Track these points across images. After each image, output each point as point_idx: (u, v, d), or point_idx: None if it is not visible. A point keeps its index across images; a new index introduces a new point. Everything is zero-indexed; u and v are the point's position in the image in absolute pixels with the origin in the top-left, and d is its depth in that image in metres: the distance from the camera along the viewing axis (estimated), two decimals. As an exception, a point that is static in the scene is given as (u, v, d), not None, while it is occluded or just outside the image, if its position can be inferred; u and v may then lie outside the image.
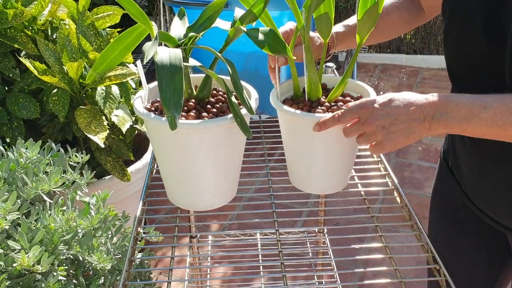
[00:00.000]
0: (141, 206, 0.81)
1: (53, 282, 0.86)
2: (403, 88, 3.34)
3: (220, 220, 2.10)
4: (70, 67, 1.35)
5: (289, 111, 0.72)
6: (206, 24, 0.71)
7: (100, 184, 1.50)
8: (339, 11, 3.83)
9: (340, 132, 0.71)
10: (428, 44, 3.73)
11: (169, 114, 0.57)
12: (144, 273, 1.05)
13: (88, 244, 0.93)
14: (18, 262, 0.82)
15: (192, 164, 0.69)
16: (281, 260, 0.72)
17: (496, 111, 0.63)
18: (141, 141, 1.84)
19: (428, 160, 2.54)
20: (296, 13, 0.71)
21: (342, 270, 1.60)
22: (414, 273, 1.67)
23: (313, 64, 0.74)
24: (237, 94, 0.66)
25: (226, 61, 0.65)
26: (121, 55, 0.66)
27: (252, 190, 2.22)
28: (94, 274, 0.98)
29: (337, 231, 1.79)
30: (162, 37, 0.65)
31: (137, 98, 0.73)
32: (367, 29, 0.72)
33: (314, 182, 0.80)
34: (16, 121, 1.43)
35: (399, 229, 1.88)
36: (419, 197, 2.25)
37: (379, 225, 0.79)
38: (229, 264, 1.74)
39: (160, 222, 2.05)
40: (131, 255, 0.73)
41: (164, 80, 0.58)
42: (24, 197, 0.96)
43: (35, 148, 1.04)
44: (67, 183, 1.04)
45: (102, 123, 1.40)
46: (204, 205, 0.76)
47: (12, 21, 1.36)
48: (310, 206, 2.08)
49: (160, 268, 1.16)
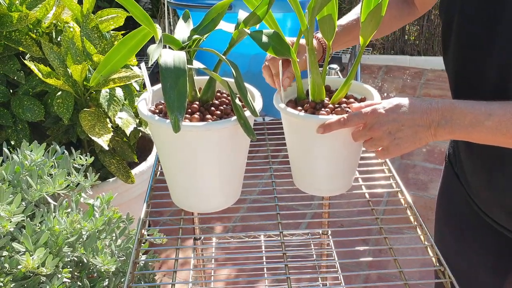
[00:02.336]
0: (145, 208, 0.81)
1: (57, 284, 0.86)
2: (407, 90, 3.33)
3: (224, 222, 2.10)
4: (74, 70, 1.35)
5: (292, 113, 0.72)
6: (210, 26, 0.71)
7: (104, 186, 1.50)
8: (343, 13, 3.83)
9: (344, 134, 0.71)
10: (432, 45, 3.72)
11: (172, 117, 0.57)
12: (148, 275, 1.05)
13: (93, 246, 0.93)
14: (23, 264, 0.82)
15: (196, 166, 0.69)
16: (285, 262, 0.72)
17: (500, 119, 0.64)
18: (145, 143, 1.84)
19: (432, 161, 2.54)
20: (299, 15, 0.71)
21: (347, 272, 1.59)
22: (419, 275, 1.66)
23: (316, 66, 0.74)
24: (241, 96, 0.66)
25: (230, 63, 0.65)
26: (125, 57, 0.66)
27: (256, 192, 2.22)
28: (99, 276, 0.98)
29: (341, 233, 1.79)
30: (166, 40, 0.65)
31: (141, 100, 0.73)
32: (371, 31, 0.72)
33: (318, 184, 0.80)
34: (21, 124, 1.43)
35: (403, 231, 1.88)
36: (423, 198, 2.24)
37: (383, 227, 0.79)
38: (233, 266, 1.74)
39: (164, 224, 2.05)
40: (135, 257, 0.73)
41: (168, 82, 0.58)
42: (29, 199, 0.96)
43: (40, 150, 1.04)
44: (72, 185, 1.05)
45: (106, 126, 1.40)
46: (208, 207, 0.76)
47: (17, 24, 1.37)
48: (314, 208, 2.08)
49: (164, 270, 1.16)
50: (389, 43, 3.83)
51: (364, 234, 1.84)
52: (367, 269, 1.75)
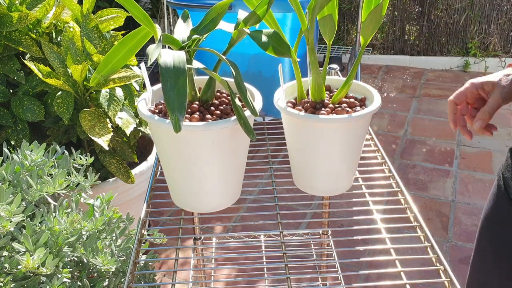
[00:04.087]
0: (145, 208, 0.81)
1: (57, 284, 0.86)
2: (407, 90, 3.33)
3: (224, 222, 2.10)
4: (74, 70, 1.35)
5: (293, 113, 0.72)
6: (210, 26, 0.71)
7: (105, 186, 1.50)
8: (343, 13, 3.83)
9: (344, 134, 0.71)
10: (432, 45, 3.72)
11: (173, 117, 0.57)
12: (148, 275, 1.05)
13: (93, 246, 0.93)
14: (22, 264, 0.82)
15: (196, 166, 0.69)
16: (285, 262, 0.72)
17: None
18: (145, 143, 1.84)
19: (432, 161, 2.54)
20: (300, 15, 0.71)
21: (347, 272, 1.59)
22: (419, 275, 1.66)
23: (317, 65, 0.74)
24: (241, 96, 0.66)
25: (229, 63, 0.65)
26: (125, 57, 0.66)
27: (256, 192, 2.22)
28: (99, 276, 0.98)
29: (341, 232, 1.79)
30: (166, 40, 0.65)
31: (141, 100, 0.73)
32: (371, 31, 0.72)
33: (318, 184, 0.80)
34: (21, 124, 1.43)
35: (403, 231, 1.88)
36: (423, 198, 2.24)
37: (383, 227, 0.79)
38: (233, 266, 1.74)
39: (164, 224, 2.05)
40: (135, 257, 0.73)
41: (168, 82, 0.58)
42: (29, 199, 0.96)
43: (40, 150, 1.04)
44: (72, 185, 1.05)
45: (106, 126, 1.40)
46: (208, 207, 0.76)
47: (17, 24, 1.37)
48: (314, 207, 2.08)
49: (164, 270, 1.16)
50: (389, 43, 3.83)
51: (364, 234, 1.84)
52: (367, 269, 1.75)
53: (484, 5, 3.51)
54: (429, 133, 2.80)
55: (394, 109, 3.09)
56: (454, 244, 1.96)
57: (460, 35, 3.65)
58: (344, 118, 0.70)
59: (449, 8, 3.60)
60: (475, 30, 3.59)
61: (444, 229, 2.05)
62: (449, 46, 3.68)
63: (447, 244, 1.96)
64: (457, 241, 1.98)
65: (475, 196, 2.26)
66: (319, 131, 0.71)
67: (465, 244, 1.96)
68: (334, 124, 0.70)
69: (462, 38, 3.65)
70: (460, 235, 2.01)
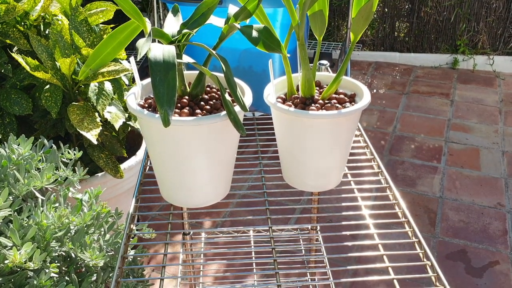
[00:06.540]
0: (134, 203, 0.81)
1: (45, 279, 0.85)
2: (396, 86, 3.34)
3: (213, 217, 2.10)
4: (62, 63, 1.34)
5: (282, 108, 0.72)
6: (200, 21, 0.71)
7: (93, 181, 1.50)
8: (333, 9, 3.84)
9: (334, 129, 0.71)
10: (422, 42, 3.74)
11: (162, 111, 0.57)
12: (137, 270, 1.04)
13: (81, 241, 0.93)
14: (10, 259, 0.82)
15: (185, 161, 0.69)
16: (274, 257, 0.72)
17: None
18: (134, 137, 1.84)
19: (420, 158, 2.56)
20: (290, 10, 0.71)
21: (335, 267, 1.60)
22: (406, 270, 1.67)
23: (307, 61, 0.74)
24: (231, 91, 0.66)
25: (219, 58, 0.65)
26: (114, 51, 0.65)
27: (246, 187, 2.22)
28: (87, 271, 0.97)
29: (330, 228, 1.80)
30: (155, 34, 0.65)
31: (130, 94, 0.72)
32: (361, 27, 0.72)
33: (307, 180, 0.80)
34: (8, 117, 1.42)
35: (391, 227, 1.89)
36: (411, 194, 2.26)
37: (371, 223, 0.79)
38: (222, 261, 1.74)
39: (153, 219, 2.04)
40: (124, 252, 0.73)
41: (158, 76, 0.57)
42: (16, 193, 0.95)
43: (27, 144, 1.03)
44: (60, 180, 1.04)
45: (95, 120, 1.39)
46: (197, 202, 0.76)
47: (4, 16, 1.35)
48: (303, 203, 2.08)
49: (153, 265, 1.16)
50: (379, 39, 3.84)
51: (352, 229, 1.85)
52: (355, 264, 1.76)
53: (473, 2, 3.54)
54: (418, 130, 2.82)
55: (384, 106, 3.10)
56: (441, 240, 1.98)
57: (449, 33, 3.67)
58: (334, 114, 0.70)
59: (438, 6, 3.62)
60: (464, 27, 3.62)
61: (431, 225, 2.06)
62: (438, 43, 3.71)
63: (434, 239, 1.98)
64: (444, 237, 2.00)
65: (462, 193, 2.28)
66: (308, 127, 0.72)
67: (452, 239, 1.99)
68: (323, 120, 0.71)
69: (451, 35, 3.67)
70: (447, 231, 2.03)
